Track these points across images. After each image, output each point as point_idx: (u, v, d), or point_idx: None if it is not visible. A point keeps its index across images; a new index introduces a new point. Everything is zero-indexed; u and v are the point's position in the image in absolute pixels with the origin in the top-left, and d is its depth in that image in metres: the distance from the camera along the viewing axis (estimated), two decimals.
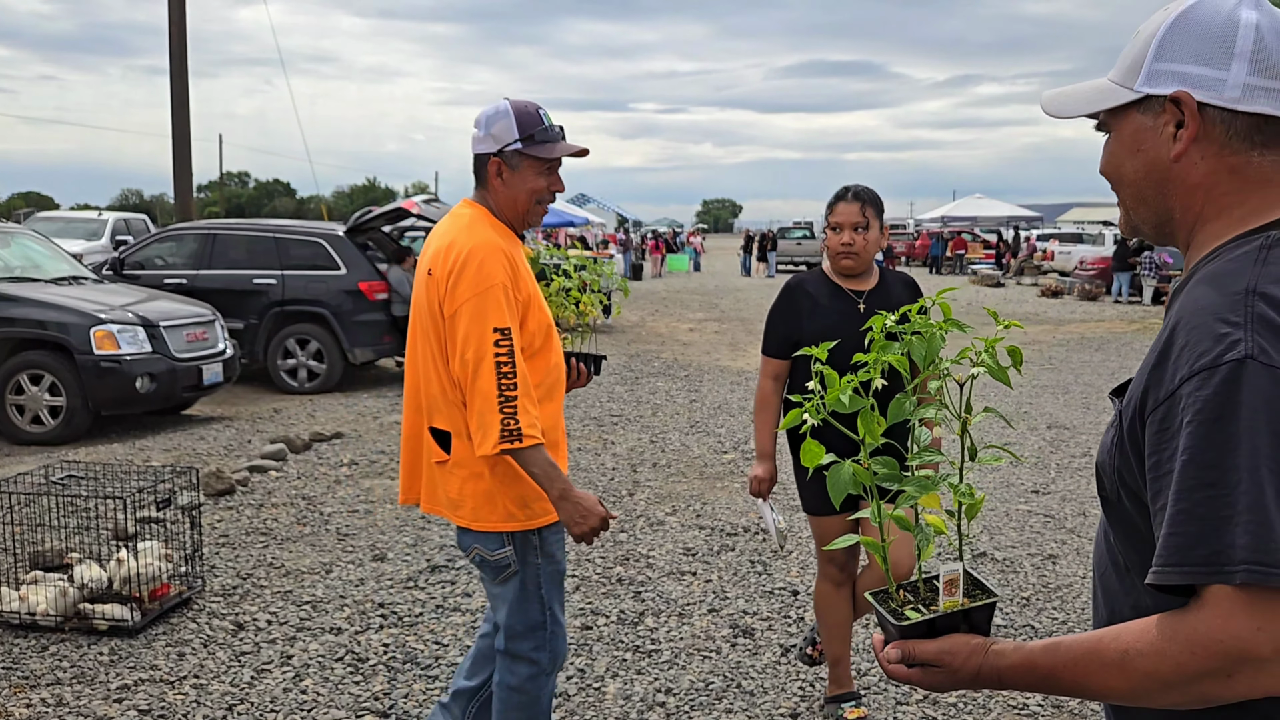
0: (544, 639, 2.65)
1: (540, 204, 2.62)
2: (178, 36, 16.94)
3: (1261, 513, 1.00)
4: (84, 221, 20.80)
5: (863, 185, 3.36)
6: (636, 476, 6.91)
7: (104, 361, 8.07)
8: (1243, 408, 1.03)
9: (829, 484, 1.44)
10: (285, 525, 5.65)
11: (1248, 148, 1.18)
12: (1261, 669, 1.03)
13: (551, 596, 2.65)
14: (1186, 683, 1.07)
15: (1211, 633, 1.04)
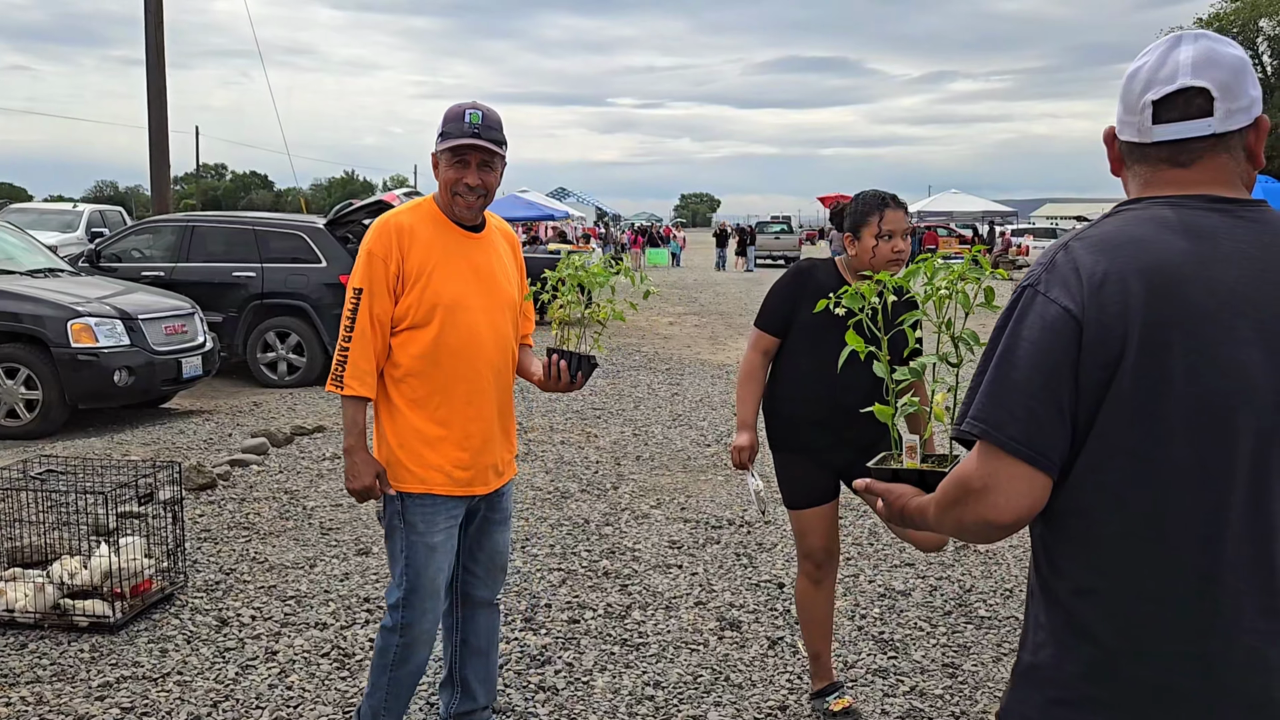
0: (399, 599, 2.88)
1: (458, 195, 2.84)
2: (154, 26, 16.72)
3: (987, 389, 1.41)
4: (59, 213, 20.58)
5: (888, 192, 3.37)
6: (620, 470, 6.90)
7: (81, 355, 7.98)
8: (1012, 320, 1.42)
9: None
10: (268, 520, 5.61)
11: (1133, 162, 1.55)
12: (977, 499, 1.41)
13: (411, 566, 2.86)
14: (949, 506, 1.48)
15: (960, 468, 1.46)
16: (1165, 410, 1.35)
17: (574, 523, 5.63)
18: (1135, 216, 1.45)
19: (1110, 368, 1.36)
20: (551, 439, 7.86)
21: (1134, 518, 1.38)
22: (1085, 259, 1.40)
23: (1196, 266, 1.38)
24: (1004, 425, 1.38)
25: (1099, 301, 1.36)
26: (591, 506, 5.97)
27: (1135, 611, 1.39)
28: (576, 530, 5.50)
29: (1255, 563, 1.37)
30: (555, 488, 6.38)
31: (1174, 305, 1.35)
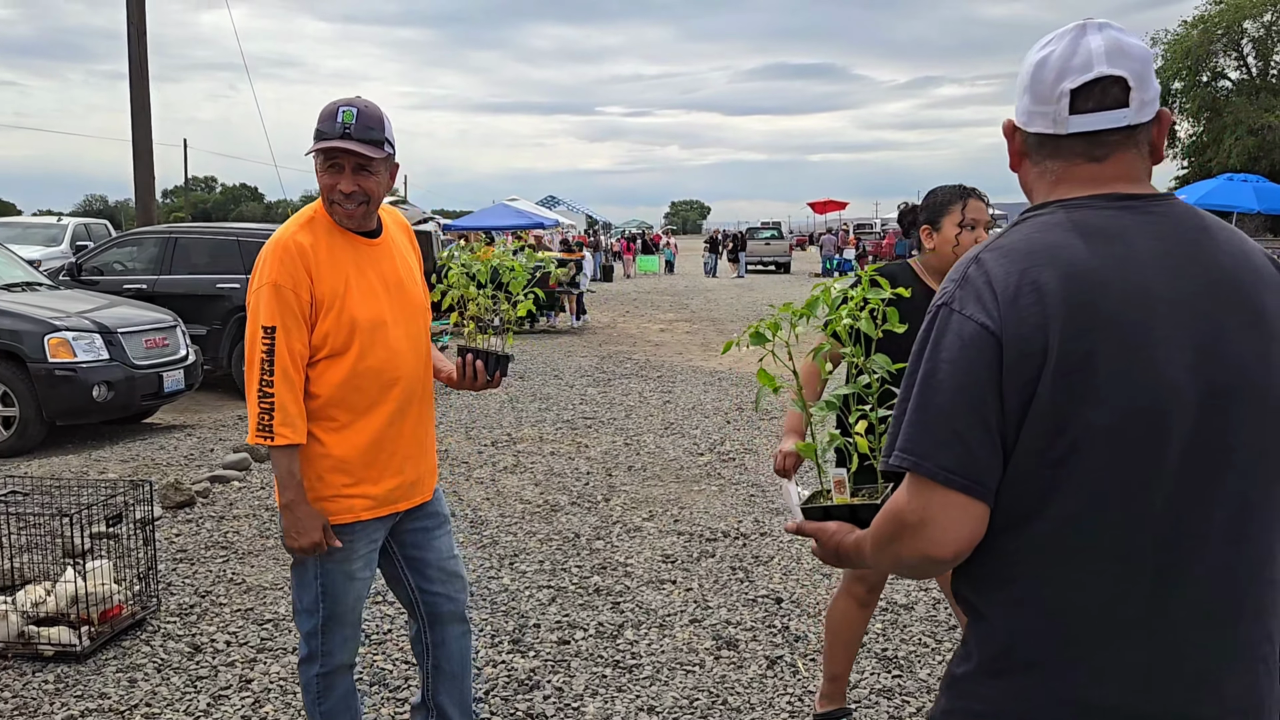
0: (316, 626, 2.71)
1: (334, 204, 2.59)
2: (137, 37, 16.55)
3: (911, 418, 1.35)
4: (43, 227, 20.34)
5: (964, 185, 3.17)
6: (612, 481, 6.72)
7: (59, 370, 7.79)
8: (929, 342, 1.37)
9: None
10: (247, 538, 5.42)
11: (1042, 157, 1.47)
12: (914, 534, 1.35)
13: (328, 593, 2.68)
14: (885, 543, 1.42)
15: (890, 504, 1.40)
16: (1090, 421, 1.29)
17: (564, 537, 5.45)
18: (1045, 223, 1.40)
19: (1033, 383, 1.30)
20: (541, 450, 7.69)
21: (1061, 531, 1.33)
22: (998, 271, 1.36)
23: (1113, 271, 1.33)
24: (933, 455, 1.32)
25: (1016, 315, 1.31)
26: (582, 520, 5.79)
27: (1063, 627, 1.34)
28: (566, 545, 5.32)
29: (1188, 572, 1.33)
30: (545, 501, 6.20)
31: (1093, 313, 1.31)
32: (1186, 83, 41.59)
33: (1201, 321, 1.33)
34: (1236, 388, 1.33)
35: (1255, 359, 1.34)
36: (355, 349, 2.58)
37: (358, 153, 2.54)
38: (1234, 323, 1.34)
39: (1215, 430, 1.32)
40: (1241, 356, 1.33)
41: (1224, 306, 1.35)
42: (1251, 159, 37.36)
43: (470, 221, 27.37)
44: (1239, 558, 1.35)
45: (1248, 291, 1.37)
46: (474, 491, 6.42)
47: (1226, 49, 41.22)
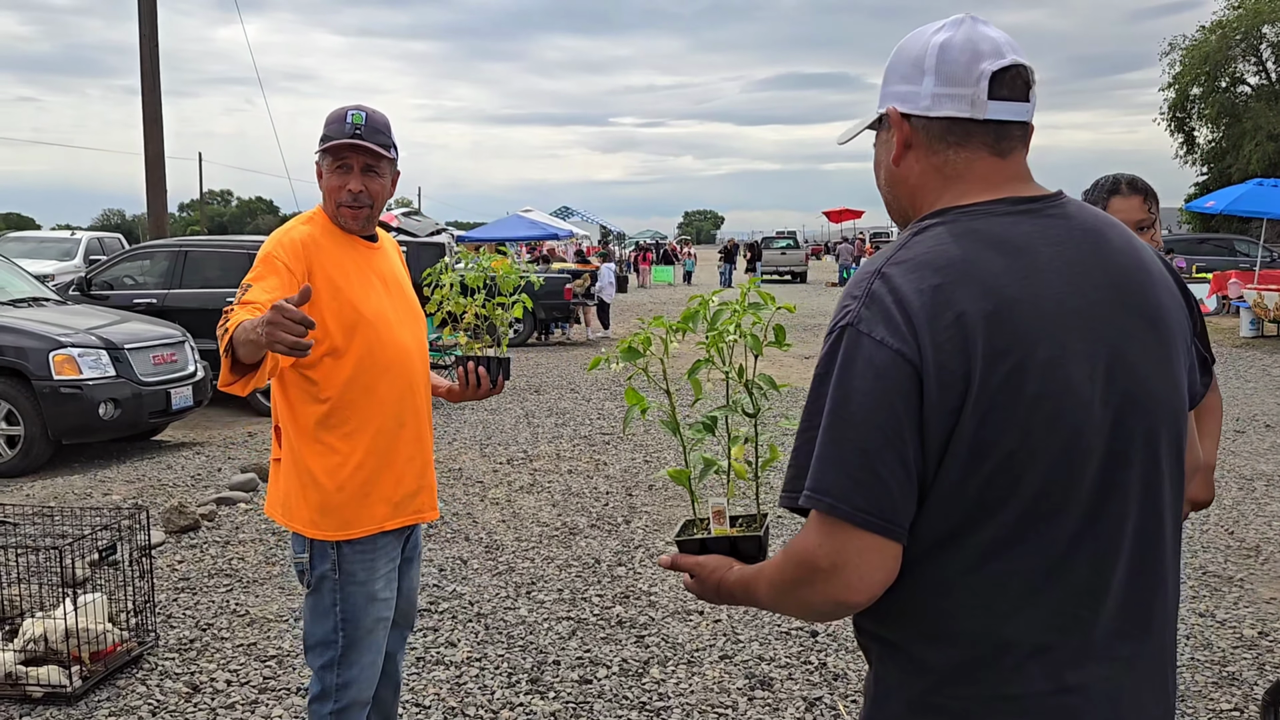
0: (333, 660, 2.55)
1: (341, 205, 2.54)
2: (149, 51, 16.46)
3: (821, 454, 1.23)
4: (57, 241, 20.31)
5: (1135, 175, 2.79)
6: (632, 501, 6.46)
7: (64, 387, 7.59)
8: (836, 368, 1.25)
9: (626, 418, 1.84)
10: (252, 565, 5.18)
11: (944, 147, 1.35)
12: (826, 579, 1.24)
13: (349, 620, 2.53)
14: (789, 588, 1.30)
15: (796, 547, 1.27)
16: (1013, 448, 1.22)
17: (584, 563, 5.19)
18: (948, 233, 1.29)
19: (955, 413, 1.22)
20: (559, 468, 7.44)
21: (984, 558, 1.25)
22: (907, 289, 1.24)
23: (1022, 285, 1.25)
24: (849, 495, 1.22)
25: (935, 341, 1.22)
26: (602, 544, 5.53)
27: (989, 655, 1.27)
28: (586, 572, 5.07)
29: (1106, 589, 1.28)
30: (563, 523, 5.95)
31: (1011, 335, 1.22)
32: (1205, 88, 41.21)
33: (1108, 330, 1.28)
34: (1142, 395, 1.30)
35: (1156, 364, 1.32)
36: (360, 344, 2.49)
37: (369, 150, 2.50)
38: (1137, 328, 1.31)
39: (1124, 441, 1.28)
40: (1146, 363, 1.31)
41: (1126, 312, 1.31)
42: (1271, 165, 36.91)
43: (484, 233, 27.18)
44: (1148, 571, 1.32)
45: (1145, 294, 1.33)
46: (489, 513, 6.17)
47: (1245, 54, 40.81)
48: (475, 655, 4.03)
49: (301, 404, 2.50)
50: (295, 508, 2.52)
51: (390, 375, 2.54)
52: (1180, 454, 1.34)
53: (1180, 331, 1.36)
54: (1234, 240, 24.34)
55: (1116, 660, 1.29)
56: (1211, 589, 4.77)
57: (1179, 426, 1.34)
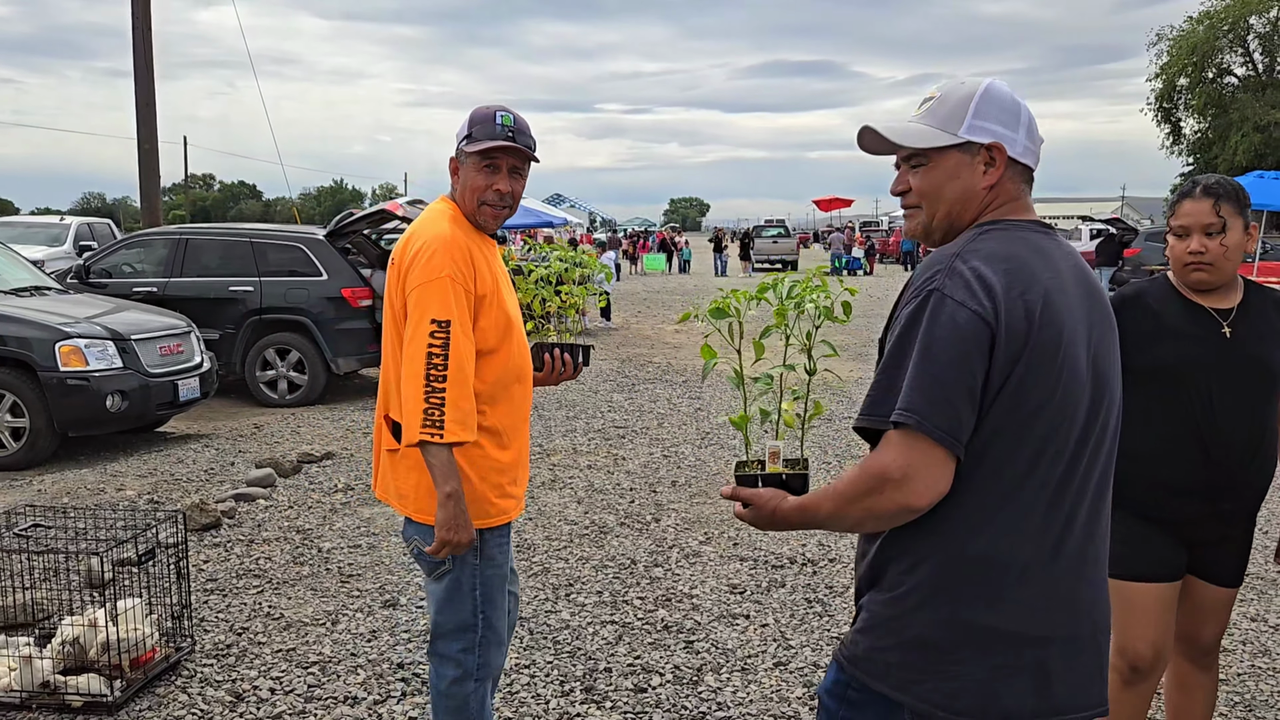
0: (473, 641, 2.63)
1: (485, 204, 2.61)
2: (142, 32, 16.16)
3: (912, 383, 1.55)
4: (45, 226, 19.92)
5: (1218, 176, 2.65)
6: (658, 498, 6.37)
7: (71, 379, 7.43)
8: (924, 320, 1.58)
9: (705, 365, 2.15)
10: (280, 565, 5.06)
11: (1019, 182, 1.78)
12: (896, 486, 1.55)
13: (487, 600, 2.64)
14: (859, 497, 1.60)
15: (873, 460, 1.57)
16: (1040, 401, 1.60)
17: (619, 564, 5.10)
18: (1006, 237, 1.69)
19: (1011, 366, 1.58)
20: (578, 463, 7.33)
21: (1008, 486, 1.62)
22: (985, 271, 1.61)
23: (1054, 283, 1.65)
24: (931, 415, 1.54)
25: (1009, 310, 1.58)
26: (635, 543, 5.44)
27: (987, 565, 1.62)
28: (624, 572, 4.97)
29: (1075, 521, 1.67)
30: (591, 521, 5.85)
31: (1056, 319, 1.62)
32: (1192, 79, 41.32)
33: (1088, 328, 1.70)
34: (1107, 376, 1.72)
35: (1111, 353, 1.75)
36: (506, 343, 2.60)
37: (519, 152, 2.59)
38: (1104, 326, 1.75)
39: (1095, 410, 1.69)
40: (1108, 353, 1.74)
41: (1097, 314, 1.73)
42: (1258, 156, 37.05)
43: None
44: (1097, 510, 1.71)
45: (1106, 307, 1.78)
46: None
47: (1233, 45, 40.90)
48: (524, 662, 3.93)
49: None
50: (428, 500, 2.52)
51: (522, 376, 2.67)
52: (1116, 432, 1.75)
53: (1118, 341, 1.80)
54: None
55: (1074, 579, 1.67)
56: (1258, 592, 4.73)
57: (1118, 411, 1.77)
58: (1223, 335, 2.62)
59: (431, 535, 2.51)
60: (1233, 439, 2.58)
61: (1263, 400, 2.62)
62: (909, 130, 1.79)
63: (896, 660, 1.67)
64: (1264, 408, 2.62)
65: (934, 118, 1.77)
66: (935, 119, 1.77)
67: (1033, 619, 1.63)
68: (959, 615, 1.62)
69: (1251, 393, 2.60)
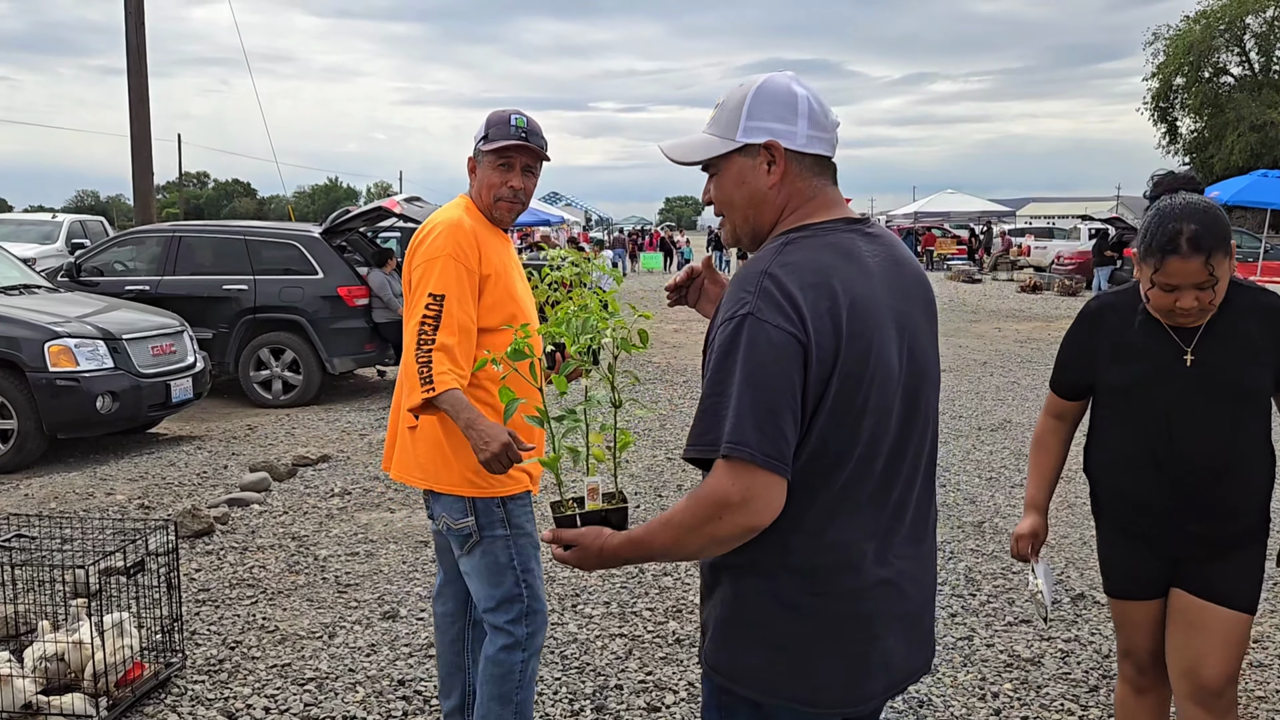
0: (520, 611, 2.73)
1: (500, 200, 2.77)
2: (135, 27, 15.96)
3: (738, 412, 1.59)
4: (37, 224, 19.71)
5: (1199, 216, 2.27)
6: (664, 503, 6.21)
7: (60, 380, 7.25)
8: (742, 345, 1.61)
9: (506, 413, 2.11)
10: (275, 574, 4.89)
11: (810, 176, 1.78)
12: (735, 510, 1.60)
13: (525, 569, 2.73)
14: (699, 525, 1.63)
15: (708, 488, 1.62)
16: (858, 407, 1.64)
17: (627, 572, 4.92)
18: (812, 245, 1.70)
19: (826, 381, 1.61)
20: (579, 465, 7.15)
21: (840, 490, 1.66)
22: (793, 289, 1.62)
23: (864, 288, 1.67)
24: (761, 445, 1.58)
25: (817, 328, 1.60)
26: None
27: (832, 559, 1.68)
28: (631, 582, 4.81)
29: (906, 506, 1.76)
30: None
31: (865, 328, 1.64)
32: (1188, 78, 41.22)
33: (906, 320, 1.73)
34: (924, 369, 1.77)
35: (930, 346, 1.80)
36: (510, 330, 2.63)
37: (532, 151, 2.76)
38: (921, 319, 1.78)
39: (914, 403, 1.74)
40: (926, 346, 1.78)
41: (914, 306, 1.76)
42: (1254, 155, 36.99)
43: None
44: (926, 492, 1.81)
45: (925, 293, 1.82)
46: None
47: (1229, 45, 40.82)
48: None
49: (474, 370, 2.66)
50: (444, 471, 2.67)
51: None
52: (937, 413, 1.83)
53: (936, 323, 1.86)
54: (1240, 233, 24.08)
55: (910, 557, 1.77)
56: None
57: (937, 392, 1.83)
58: (1182, 360, 2.41)
59: (453, 506, 2.69)
60: (1193, 461, 2.41)
61: (1234, 421, 2.41)
62: (688, 144, 1.83)
63: (758, 662, 1.72)
64: (1236, 429, 2.41)
65: (716, 125, 1.80)
66: (718, 127, 1.79)
67: (875, 606, 1.71)
68: (808, 614, 1.69)
69: (1217, 415, 2.40)
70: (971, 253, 37.55)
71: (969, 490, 6.47)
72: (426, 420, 2.68)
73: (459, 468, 2.66)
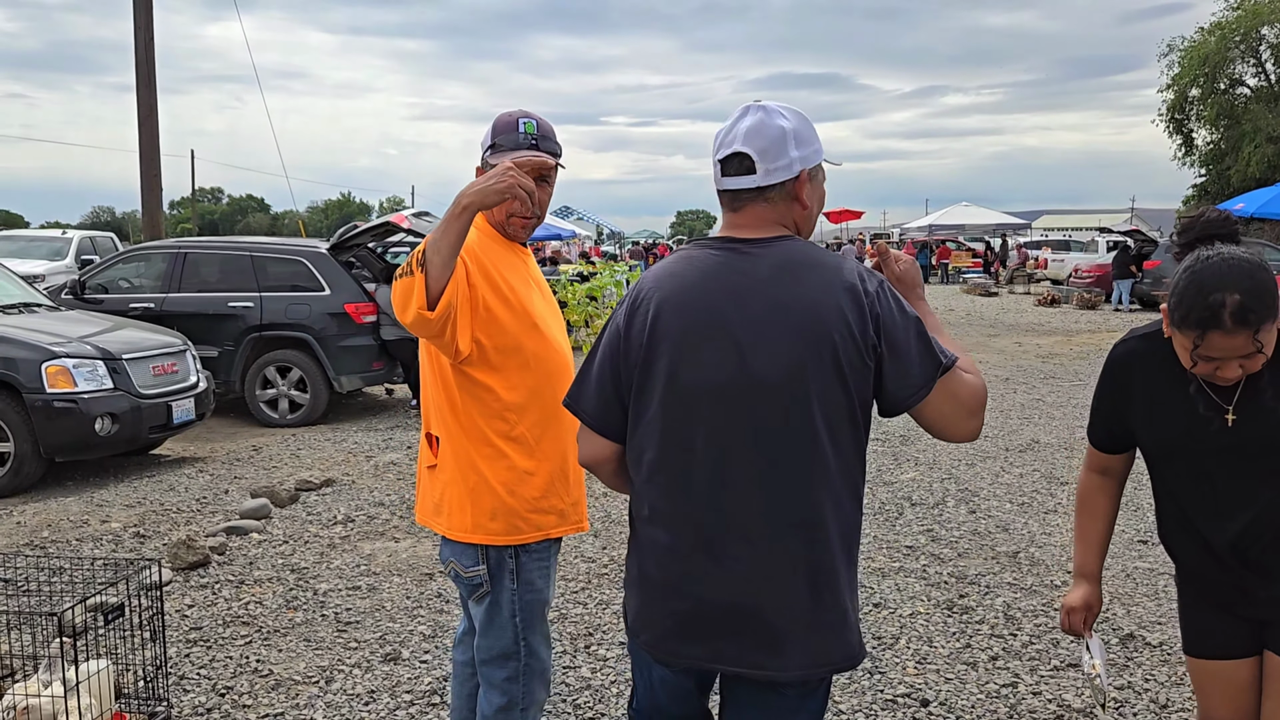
0: (516, 670, 2.57)
1: (513, 216, 2.54)
2: (144, 44, 15.86)
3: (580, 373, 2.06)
4: (47, 240, 19.59)
5: (1243, 283, 1.96)
6: None
7: (58, 401, 7.03)
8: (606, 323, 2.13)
9: None
10: (272, 610, 4.63)
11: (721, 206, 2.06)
12: (594, 472, 2.09)
13: (528, 627, 2.56)
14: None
15: None
16: (655, 399, 1.92)
17: None
18: (680, 256, 2.01)
19: (634, 369, 1.94)
20: (591, 488, 6.90)
21: (646, 467, 1.95)
22: (642, 286, 1.98)
23: (691, 295, 1.91)
24: (579, 399, 2.04)
25: (631, 322, 1.95)
26: None
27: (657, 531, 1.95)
28: None
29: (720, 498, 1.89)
30: (611, 558, 5.41)
31: (666, 324, 1.91)
32: (1204, 90, 40.89)
33: (732, 334, 1.87)
34: (761, 375, 1.85)
35: (768, 352, 1.85)
36: (532, 348, 2.49)
37: (530, 159, 2.51)
38: (762, 330, 1.86)
39: (736, 410, 1.86)
40: (767, 353, 1.85)
41: (756, 318, 1.86)
42: (1271, 167, 36.61)
43: None
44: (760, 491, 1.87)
45: (778, 305, 1.86)
46: None
47: (1244, 56, 40.48)
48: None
49: (472, 408, 2.47)
50: (459, 515, 2.50)
51: (556, 381, 2.52)
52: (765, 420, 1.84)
53: (825, 341, 1.82)
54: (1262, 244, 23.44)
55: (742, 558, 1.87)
56: None
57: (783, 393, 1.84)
58: (1224, 421, 2.13)
59: (468, 555, 2.50)
60: (1244, 526, 2.15)
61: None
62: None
63: (628, 604, 2.05)
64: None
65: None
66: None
67: (672, 575, 1.93)
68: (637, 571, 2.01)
69: (1267, 475, 2.13)
70: (987, 265, 37.18)
71: (1001, 517, 6.17)
72: (445, 459, 2.53)
73: (473, 513, 2.50)
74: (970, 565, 5.21)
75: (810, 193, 1.96)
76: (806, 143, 1.95)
